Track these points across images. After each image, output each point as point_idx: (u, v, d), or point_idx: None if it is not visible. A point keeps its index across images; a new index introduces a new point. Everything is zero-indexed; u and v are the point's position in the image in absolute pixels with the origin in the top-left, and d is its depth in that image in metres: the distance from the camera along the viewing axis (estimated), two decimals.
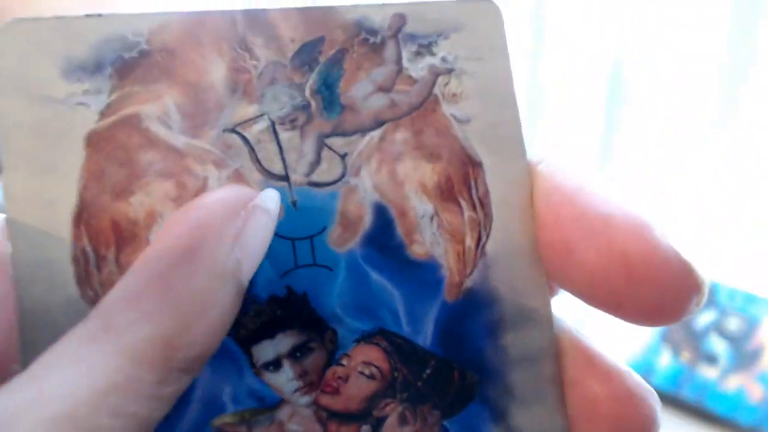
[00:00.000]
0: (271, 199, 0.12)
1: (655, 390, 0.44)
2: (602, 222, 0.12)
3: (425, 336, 0.13)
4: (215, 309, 0.11)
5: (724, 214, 0.67)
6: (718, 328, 0.60)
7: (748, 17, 0.57)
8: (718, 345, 0.58)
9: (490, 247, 0.13)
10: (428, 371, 0.13)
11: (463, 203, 0.13)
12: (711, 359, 0.57)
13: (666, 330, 0.60)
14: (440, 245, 0.13)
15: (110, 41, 0.12)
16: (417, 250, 0.13)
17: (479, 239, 0.13)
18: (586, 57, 0.69)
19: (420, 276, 0.13)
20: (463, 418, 0.13)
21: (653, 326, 0.12)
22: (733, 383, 0.54)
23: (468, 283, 0.13)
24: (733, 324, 0.60)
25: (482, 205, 0.13)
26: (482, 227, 0.13)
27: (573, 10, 0.68)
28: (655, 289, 0.11)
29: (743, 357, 0.56)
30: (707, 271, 0.11)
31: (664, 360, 0.57)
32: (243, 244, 0.11)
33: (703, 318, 0.61)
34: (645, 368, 0.56)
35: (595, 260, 0.11)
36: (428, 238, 0.13)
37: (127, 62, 0.12)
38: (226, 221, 0.11)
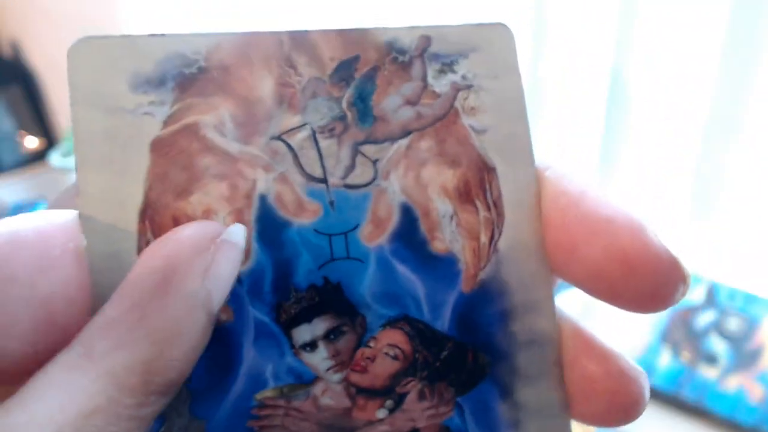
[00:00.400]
0: (237, 234, 0.13)
1: (656, 390, 0.44)
2: (604, 223, 0.13)
3: (443, 322, 0.14)
4: (187, 336, 0.12)
5: (724, 213, 0.67)
6: (718, 328, 0.60)
7: (748, 17, 0.57)
8: (718, 345, 0.58)
9: (502, 244, 0.14)
10: (445, 353, 0.14)
11: (479, 204, 0.14)
12: (711, 359, 0.57)
13: (666, 330, 0.60)
14: (458, 242, 0.14)
15: (172, 58, 0.13)
16: (438, 246, 0.14)
17: (492, 237, 0.14)
18: (587, 57, 0.69)
19: (440, 269, 0.14)
20: (475, 394, 0.14)
21: (646, 313, 0.13)
22: (733, 383, 0.54)
23: (482, 275, 0.14)
24: (733, 324, 0.60)
25: (496, 206, 0.14)
26: (495, 226, 0.14)
27: (573, 11, 0.69)
28: (648, 281, 0.13)
29: (743, 357, 0.57)
30: (690, 264, 0.13)
31: (665, 360, 0.57)
32: (212, 276, 0.12)
33: (704, 318, 0.61)
34: (645, 368, 0.56)
35: (598, 257, 0.13)
36: (448, 236, 0.14)
37: (188, 77, 0.13)
38: (197, 255, 0.12)
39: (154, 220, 0.13)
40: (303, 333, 0.13)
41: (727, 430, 0.52)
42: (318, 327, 0.13)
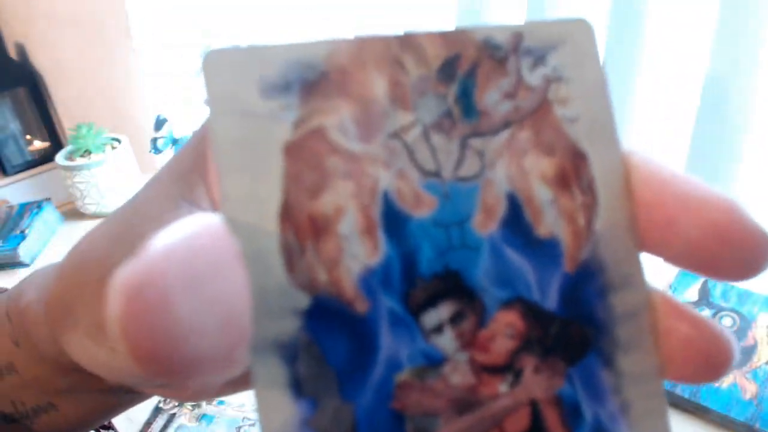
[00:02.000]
0: None
1: None
2: (699, 202, 0.14)
3: (551, 301, 0.15)
4: None
5: None
6: None
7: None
8: None
9: (598, 225, 0.15)
10: (555, 329, 0.15)
11: (576, 190, 0.15)
12: None
13: None
14: (560, 226, 0.15)
15: (296, 65, 0.14)
16: (542, 231, 0.15)
17: (589, 219, 0.15)
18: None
19: (545, 252, 0.15)
20: (582, 366, 0.15)
21: (738, 281, 0.15)
22: (727, 380, 0.55)
23: (582, 256, 0.15)
24: (727, 322, 0.61)
25: (590, 190, 0.15)
26: (591, 209, 0.15)
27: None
28: (742, 252, 0.14)
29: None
30: None
31: None
32: None
33: None
34: None
35: (694, 233, 0.14)
36: (550, 220, 0.15)
37: (310, 82, 0.14)
38: None
39: (293, 220, 0.14)
40: (431, 318, 0.14)
41: (721, 427, 0.53)
42: (443, 312, 0.14)
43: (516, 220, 0.15)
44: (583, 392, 0.15)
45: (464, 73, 0.15)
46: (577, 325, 0.15)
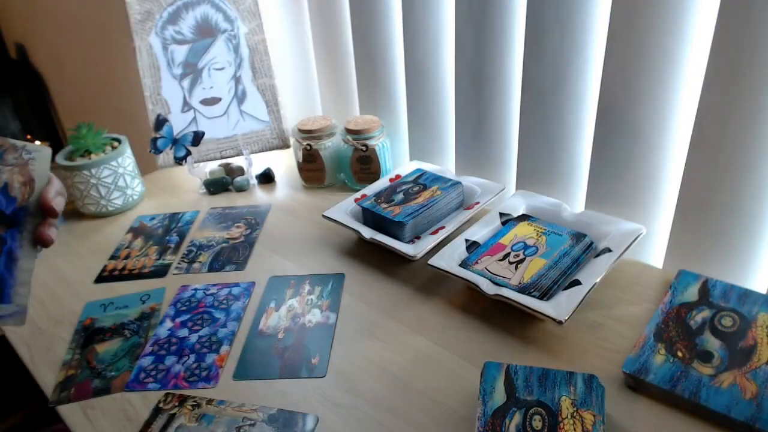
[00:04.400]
0: None
1: (651, 388, 0.45)
2: None
3: None
4: None
5: (714, 211, 0.67)
6: (712, 325, 0.61)
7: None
8: (712, 343, 0.59)
9: None
10: None
11: None
12: (705, 357, 0.58)
13: (661, 328, 0.61)
14: None
15: None
16: None
17: None
18: None
19: None
20: None
21: None
22: (727, 380, 0.55)
23: None
24: (727, 322, 0.61)
25: None
26: None
27: None
28: None
29: (737, 354, 0.57)
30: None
31: (660, 358, 0.58)
32: None
33: (698, 316, 0.62)
34: (641, 366, 0.57)
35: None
36: None
37: None
38: None
39: None
40: None
41: (721, 427, 0.53)
42: None
43: None
44: None
45: None
46: None
